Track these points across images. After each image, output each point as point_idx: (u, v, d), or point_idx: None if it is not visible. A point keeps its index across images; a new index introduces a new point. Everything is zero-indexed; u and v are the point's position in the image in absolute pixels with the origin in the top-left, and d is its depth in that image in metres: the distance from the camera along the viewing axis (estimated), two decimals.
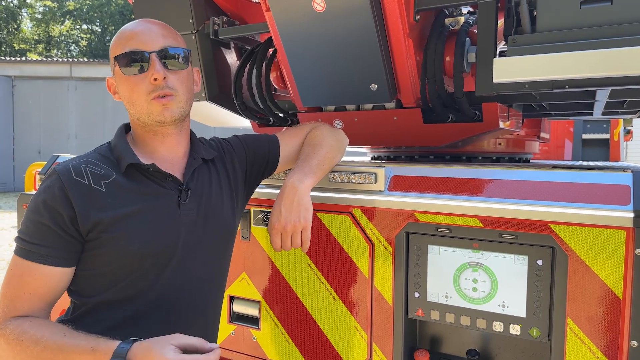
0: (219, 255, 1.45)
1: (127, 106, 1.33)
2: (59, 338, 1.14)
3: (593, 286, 1.28)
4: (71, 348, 1.12)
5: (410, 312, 1.55)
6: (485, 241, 1.43)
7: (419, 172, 1.57)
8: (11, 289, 1.22)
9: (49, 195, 1.23)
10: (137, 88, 1.28)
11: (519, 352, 1.50)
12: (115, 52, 1.30)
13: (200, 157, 1.42)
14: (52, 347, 1.13)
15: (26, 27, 31.70)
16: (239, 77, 2.25)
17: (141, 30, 1.30)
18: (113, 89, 1.38)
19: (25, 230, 1.24)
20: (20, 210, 2.48)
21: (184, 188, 1.35)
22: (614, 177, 1.31)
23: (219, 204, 1.43)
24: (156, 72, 1.26)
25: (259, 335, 1.81)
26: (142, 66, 1.27)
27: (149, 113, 1.29)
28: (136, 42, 1.28)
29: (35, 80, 17.79)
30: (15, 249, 1.25)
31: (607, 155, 4.85)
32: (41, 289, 1.22)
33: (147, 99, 1.28)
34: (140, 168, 1.30)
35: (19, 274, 1.22)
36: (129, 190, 1.28)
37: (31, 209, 1.24)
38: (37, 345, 1.13)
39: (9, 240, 9.01)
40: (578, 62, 1.33)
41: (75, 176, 1.24)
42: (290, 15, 1.75)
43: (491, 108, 1.82)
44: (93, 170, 1.26)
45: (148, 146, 1.36)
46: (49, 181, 1.25)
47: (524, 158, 2.45)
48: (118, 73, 1.31)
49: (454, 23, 1.93)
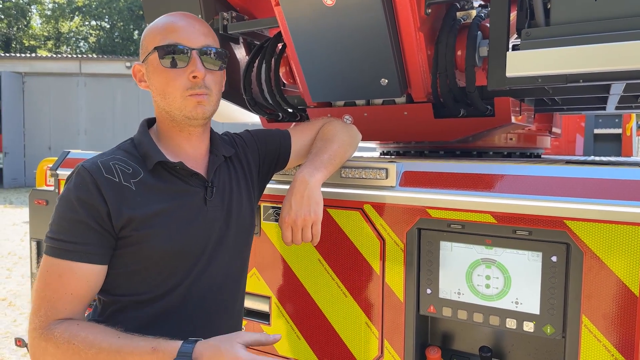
0: (242, 251, 1.46)
1: (158, 97, 1.31)
2: (114, 340, 1.11)
3: (609, 283, 1.26)
4: (129, 349, 1.08)
5: (422, 308, 1.53)
6: (499, 237, 1.41)
7: (430, 167, 1.55)
8: (51, 291, 1.17)
9: (82, 191, 1.20)
10: (174, 82, 1.27)
11: (533, 349, 1.49)
12: (154, 41, 1.28)
13: (221, 155, 1.42)
14: (109, 349, 1.09)
15: (36, 23, 31.92)
16: (248, 73, 2.25)
17: (184, 25, 1.29)
18: (139, 76, 1.36)
19: (60, 230, 1.20)
20: (32, 206, 2.50)
21: (209, 185, 1.35)
22: (629, 173, 1.29)
23: (240, 200, 1.43)
24: (198, 71, 1.27)
25: (269, 331, 1.81)
26: (183, 61, 1.26)
27: (182, 108, 1.29)
28: (178, 36, 1.27)
29: (45, 77, 17.91)
30: (48, 250, 1.20)
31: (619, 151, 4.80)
32: (82, 288, 1.18)
33: (183, 94, 1.28)
34: (167, 166, 1.30)
35: (58, 275, 1.17)
36: (157, 189, 1.27)
37: (64, 207, 1.21)
38: (91, 348, 1.09)
39: (20, 235, 9.10)
40: (593, 56, 1.30)
41: (106, 174, 1.22)
42: (300, 9, 1.73)
43: (503, 102, 1.80)
44: (122, 168, 1.25)
45: (173, 142, 1.35)
46: (79, 178, 1.22)
47: (535, 153, 2.43)
48: (154, 63, 1.29)
49: (465, 16, 1.91)
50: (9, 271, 6.87)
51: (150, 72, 1.31)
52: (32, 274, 2.54)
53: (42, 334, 1.14)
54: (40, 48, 30.48)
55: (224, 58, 1.35)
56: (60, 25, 31.31)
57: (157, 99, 1.32)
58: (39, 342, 1.14)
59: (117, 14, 31.14)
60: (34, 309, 1.18)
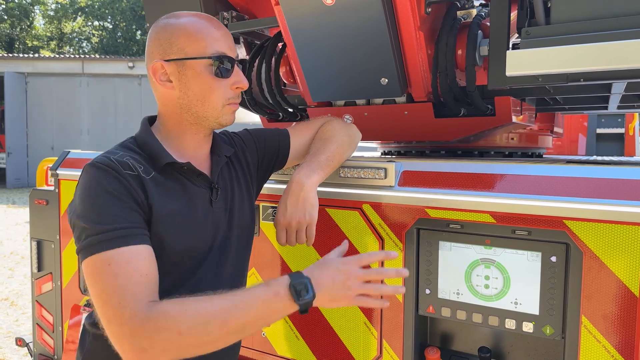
0: (244, 251, 1.46)
1: (193, 102, 1.28)
2: (221, 297, 1.08)
3: (608, 283, 1.25)
4: (246, 296, 1.08)
5: (420, 308, 1.53)
6: (498, 237, 1.40)
7: (429, 167, 1.54)
8: (124, 280, 1.07)
9: (112, 182, 1.15)
10: (219, 91, 1.28)
11: (532, 349, 1.48)
12: (199, 47, 1.25)
13: (224, 155, 1.43)
14: (226, 301, 1.07)
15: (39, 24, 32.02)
16: (249, 72, 2.24)
17: (225, 34, 1.31)
18: (161, 74, 1.28)
19: (106, 221, 1.11)
20: (33, 206, 2.50)
21: (214, 186, 1.35)
22: (630, 172, 1.28)
23: (241, 201, 1.43)
24: (242, 83, 1.31)
25: (268, 331, 1.81)
26: (228, 70, 1.29)
27: (219, 116, 1.31)
28: (223, 46, 1.28)
29: (48, 77, 17.96)
30: (97, 247, 1.09)
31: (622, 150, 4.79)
32: (151, 268, 1.13)
33: (224, 103, 1.30)
34: (175, 166, 1.29)
35: (125, 262, 1.08)
36: (168, 188, 1.26)
37: (98, 198, 1.14)
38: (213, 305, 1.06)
39: (23, 235, 9.12)
40: (593, 54, 1.30)
41: (124, 169, 1.19)
42: (300, 8, 1.73)
43: (504, 102, 1.79)
44: (135, 164, 1.22)
45: (181, 142, 1.34)
46: (101, 173, 1.16)
47: (536, 153, 2.42)
48: (197, 69, 1.26)
49: (465, 15, 1.90)
50: (11, 271, 6.89)
51: (189, 76, 1.27)
52: (33, 273, 2.54)
53: (144, 317, 1.04)
54: (43, 48, 30.58)
55: (245, 67, 1.43)
56: (63, 25, 31.39)
57: (189, 102, 1.28)
58: (144, 325, 1.04)
59: (119, 14, 31.21)
60: (114, 306, 1.06)
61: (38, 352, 2.60)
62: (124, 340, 1.05)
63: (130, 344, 1.04)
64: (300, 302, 1.09)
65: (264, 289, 1.10)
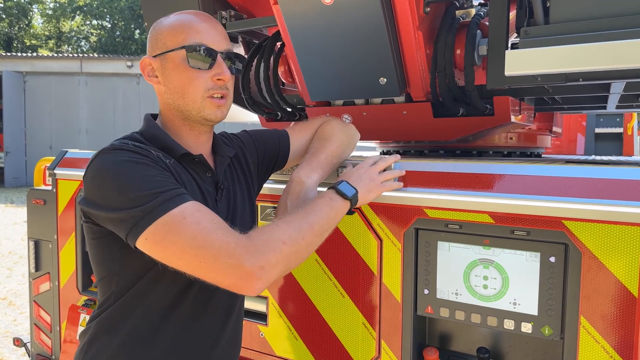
0: None
1: (175, 96, 1.28)
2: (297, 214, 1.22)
3: (607, 284, 1.25)
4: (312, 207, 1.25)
5: (419, 309, 1.53)
6: (497, 237, 1.40)
7: (428, 167, 1.54)
8: (209, 221, 1.07)
9: (137, 156, 1.13)
10: (197, 82, 1.26)
11: (531, 350, 1.48)
12: (177, 39, 1.26)
13: (227, 156, 1.42)
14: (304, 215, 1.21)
15: (37, 23, 31.96)
16: (247, 72, 2.24)
17: (208, 27, 1.29)
18: (149, 70, 1.31)
19: (152, 186, 1.08)
20: (30, 206, 2.49)
21: (220, 186, 1.35)
22: (629, 172, 1.27)
23: (243, 202, 1.43)
24: (224, 74, 1.28)
25: (266, 331, 1.80)
26: (207, 63, 1.26)
27: (200, 109, 1.28)
28: (204, 37, 1.27)
29: (46, 76, 17.93)
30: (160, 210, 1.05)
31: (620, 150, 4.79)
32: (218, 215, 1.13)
33: (203, 95, 1.27)
34: (187, 159, 1.28)
35: (197, 212, 1.08)
36: (185, 179, 1.25)
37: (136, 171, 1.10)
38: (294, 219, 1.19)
39: (21, 234, 9.11)
40: (592, 54, 1.29)
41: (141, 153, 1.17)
42: (298, 8, 1.72)
43: (503, 102, 1.78)
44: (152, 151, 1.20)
45: (182, 140, 1.33)
46: (123, 152, 1.14)
47: (535, 152, 2.41)
48: (176, 61, 1.26)
49: (464, 15, 1.89)
50: (9, 270, 6.87)
51: (169, 69, 1.28)
52: (30, 273, 2.53)
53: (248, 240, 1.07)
54: (42, 47, 30.51)
55: (242, 62, 1.38)
56: (61, 24, 31.34)
57: (172, 96, 1.29)
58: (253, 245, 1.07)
59: (118, 13, 31.17)
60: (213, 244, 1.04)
61: (36, 352, 2.59)
62: (239, 267, 1.04)
63: (248, 267, 1.04)
64: (349, 197, 1.32)
65: (321, 200, 1.28)
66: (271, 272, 1.08)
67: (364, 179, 1.40)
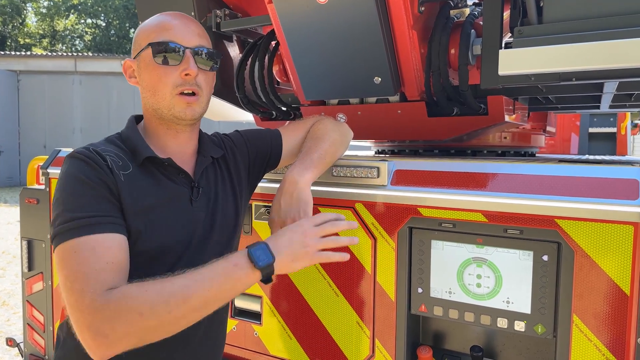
0: (225, 253, 1.43)
1: (147, 94, 1.31)
2: (180, 276, 1.08)
3: (599, 282, 1.26)
4: (205, 271, 1.09)
5: (413, 307, 1.53)
6: (490, 236, 1.40)
7: (422, 166, 1.54)
8: (88, 267, 1.07)
9: (88, 169, 1.16)
10: (165, 79, 1.27)
11: (524, 348, 1.49)
12: (149, 38, 1.29)
13: (210, 156, 1.41)
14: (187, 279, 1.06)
15: (31, 21, 31.77)
16: (242, 71, 2.23)
17: (178, 24, 1.30)
18: (130, 72, 1.36)
19: (76, 208, 1.12)
20: (23, 205, 2.47)
21: (195, 185, 1.34)
22: (622, 172, 1.28)
23: (225, 203, 1.42)
24: (190, 69, 1.27)
25: (260, 331, 1.80)
26: (175, 59, 1.27)
27: (170, 107, 1.28)
28: (173, 34, 1.28)
29: (40, 75, 17.82)
30: (67, 234, 1.10)
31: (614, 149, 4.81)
32: (118, 256, 1.12)
33: (172, 92, 1.28)
34: (155, 162, 1.29)
35: (90, 250, 1.08)
36: (145, 184, 1.25)
37: (74, 187, 1.15)
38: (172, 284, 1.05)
39: (14, 234, 9.06)
40: (586, 54, 1.30)
41: (101, 159, 1.20)
42: (293, 7, 1.72)
43: (497, 101, 1.79)
44: (113, 159, 1.23)
45: (160, 140, 1.34)
46: (77, 161, 1.18)
47: (529, 152, 2.42)
48: (146, 59, 1.29)
49: (459, 15, 1.90)
50: (2, 270, 6.83)
51: (142, 68, 1.31)
52: (23, 273, 2.52)
53: (103, 301, 1.03)
54: (36, 46, 30.34)
55: (216, 59, 1.36)
56: (55, 23, 31.17)
57: (146, 95, 1.32)
58: (104, 309, 1.03)
59: (112, 12, 31.02)
60: (75, 292, 1.05)
61: (29, 352, 2.58)
62: (84, 327, 1.03)
63: (90, 330, 1.02)
64: (260, 266, 1.10)
65: (224, 262, 1.11)
66: (117, 344, 1.02)
67: (294, 244, 1.17)
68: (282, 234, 1.19)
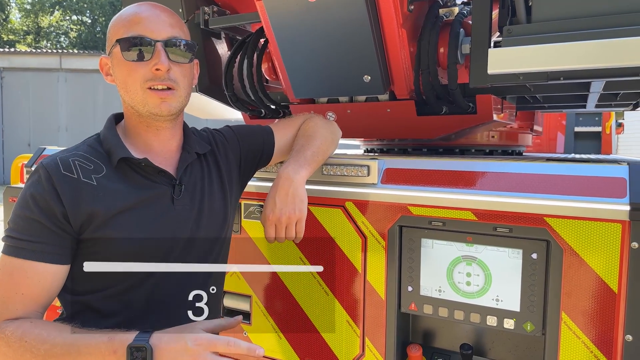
0: (214, 251, 1.42)
1: (122, 92, 1.29)
2: (67, 334, 1.08)
3: (588, 280, 1.27)
4: (84, 341, 1.05)
5: (403, 306, 1.53)
6: (479, 235, 1.41)
7: (412, 164, 1.55)
8: (3, 290, 1.14)
9: (37, 189, 1.17)
10: (135, 74, 1.23)
11: (513, 346, 1.49)
12: (118, 34, 1.25)
13: (194, 152, 1.39)
14: (62, 343, 1.06)
15: (15, 17, 31.28)
16: (230, 68, 2.22)
17: (149, 16, 1.25)
18: (106, 69, 1.33)
19: (15, 227, 1.17)
20: (7, 204, 2.43)
21: (177, 183, 1.32)
22: (610, 170, 1.29)
23: (213, 199, 1.40)
24: (160, 63, 1.22)
25: (250, 330, 1.79)
26: (147, 53, 1.23)
27: (144, 103, 1.25)
28: (142, 28, 1.23)
29: (25, 72, 17.55)
30: (4, 248, 1.17)
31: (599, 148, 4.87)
32: (35, 288, 1.15)
33: (142, 86, 1.24)
34: (131, 162, 1.26)
35: (9, 273, 1.15)
36: (121, 186, 1.23)
37: (20, 204, 1.18)
38: (44, 343, 1.07)
39: None
40: (573, 53, 1.31)
41: (64, 170, 1.19)
42: (282, 4, 1.71)
43: (485, 100, 1.80)
44: (82, 164, 1.21)
45: (141, 138, 1.32)
46: (36, 176, 1.20)
47: (517, 151, 2.44)
48: (117, 55, 1.26)
49: (448, 13, 1.90)
50: None
51: (115, 65, 1.28)
52: None
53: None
54: (20, 43, 29.88)
55: (192, 49, 1.31)
56: (40, 19, 30.71)
57: (121, 93, 1.29)
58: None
59: (98, 9, 30.66)
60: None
61: None
62: None
63: None
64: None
65: (107, 343, 1.04)
66: None
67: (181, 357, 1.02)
68: (176, 341, 1.04)
